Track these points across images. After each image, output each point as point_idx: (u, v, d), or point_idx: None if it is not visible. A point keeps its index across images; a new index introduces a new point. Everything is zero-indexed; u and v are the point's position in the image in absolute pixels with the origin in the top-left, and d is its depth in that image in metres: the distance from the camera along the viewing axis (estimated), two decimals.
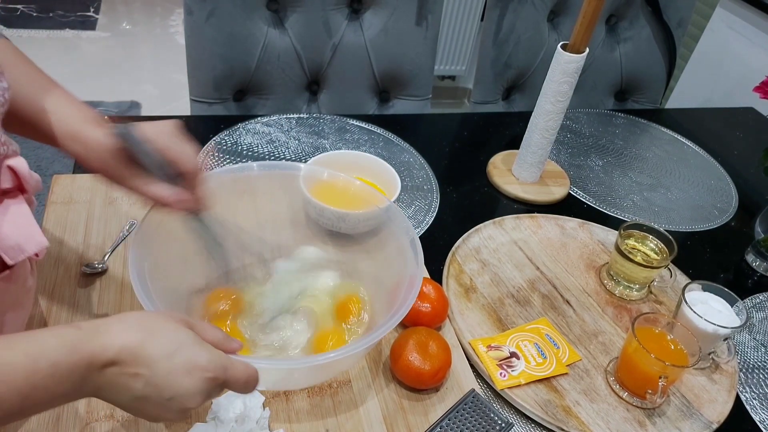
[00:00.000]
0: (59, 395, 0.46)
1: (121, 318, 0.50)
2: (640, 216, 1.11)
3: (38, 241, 0.56)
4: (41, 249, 0.57)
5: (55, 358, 0.45)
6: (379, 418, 0.68)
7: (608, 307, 0.90)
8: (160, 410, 0.50)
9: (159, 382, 0.48)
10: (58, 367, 0.45)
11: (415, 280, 0.68)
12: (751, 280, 1.02)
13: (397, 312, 0.64)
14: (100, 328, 0.48)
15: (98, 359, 0.46)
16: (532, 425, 0.73)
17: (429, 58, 1.37)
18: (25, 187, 0.57)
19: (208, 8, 1.17)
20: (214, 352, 0.52)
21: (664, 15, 1.49)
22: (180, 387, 0.49)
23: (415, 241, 0.74)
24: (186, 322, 0.52)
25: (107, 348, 0.47)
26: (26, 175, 0.56)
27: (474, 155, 1.19)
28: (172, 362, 0.49)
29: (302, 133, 1.15)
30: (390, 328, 0.63)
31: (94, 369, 0.46)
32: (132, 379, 0.48)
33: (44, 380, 0.44)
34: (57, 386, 0.45)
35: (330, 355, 0.61)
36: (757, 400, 0.81)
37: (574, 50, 0.98)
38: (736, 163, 1.32)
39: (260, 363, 0.58)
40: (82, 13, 3.24)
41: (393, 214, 0.80)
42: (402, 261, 0.75)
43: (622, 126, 1.38)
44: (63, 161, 2.27)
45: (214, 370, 0.50)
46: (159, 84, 2.85)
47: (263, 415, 0.65)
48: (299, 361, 0.68)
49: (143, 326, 0.49)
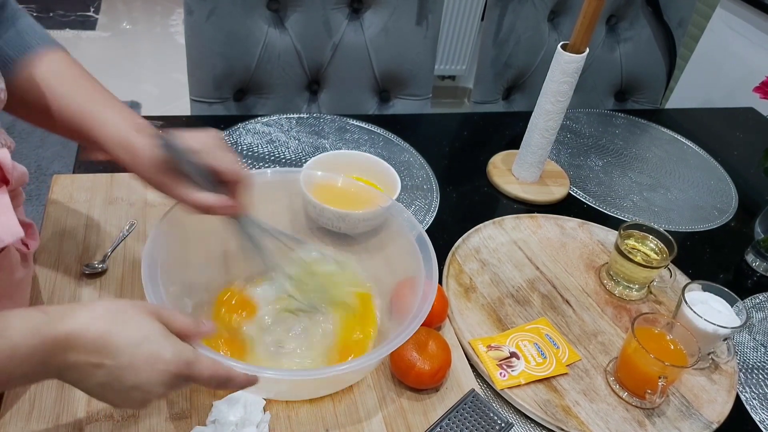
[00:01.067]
0: (19, 376, 0.47)
1: (89, 306, 0.50)
2: (640, 216, 1.11)
3: (14, 231, 0.57)
4: (25, 243, 0.57)
5: (17, 339, 0.46)
6: (379, 418, 0.68)
7: (608, 307, 0.90)
8: (121, 398, 0.51)
9: (121, 372, 0.49)
10: (17, 350, 0.46)
11: (429, 290, 0.69)
12: (751, 280, 1.02)
13: (411, 323, 0.65)
14: (66, 313, 0.49)
15: (61, 344, 0.47)
16: (532, 425, 0.73)
17: (429, 58, 1.37)
18: (7, 179, 0.58)
19: (209, 8, 1.17)
20: (179, 346, 0.52)
21: (664, 15, 1.49)
22: (142, 377, 0.50)
23: (426, 244, 0.75)
24: (156, 313, 0.53)
25: (71, 334, 0.48)
26: (8, 166, 0.57)
27: (474, 155, 1.19)
28: (136, 354, 0.49)
29: (302, 133, 1.15)
30: (404, 340, 0.63)
31: (56, 353, 0.47)
32: (95, 366, 0.49)
33: (2, 361, 0.45)
34: (16, 368, 0.46)
35: (341, 367, 0.63)
36: (757, 400, 0.81)
37: (574, 50, 0.98)
38: (736, 163, 1.32)
39: (264, 372, 0.59)
40: (82, 13, 3.24)
41: (395, 213, 0.80)
42: (406, 261, 0.76)
43: (622, 126, 1.38)
44: (63, 161, 2.27)
45: (177, 364, 0.51)
46: (159, 84, 2.85)
47: (264, 418, 0.65)
48: (302, 372, 0.68)
49: (111, 316, 0.50)
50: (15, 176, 0.59)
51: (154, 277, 0.63)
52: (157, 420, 0.64)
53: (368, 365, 0.66)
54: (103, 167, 0.98)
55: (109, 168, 0.96)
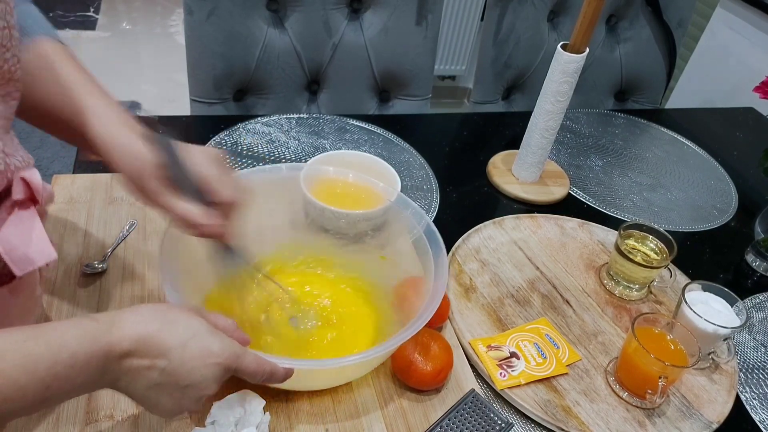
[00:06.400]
0: (78, 385, 0.47)
1: (135, 310, 0.51)
2: (640, 216, 1.11)
3: (48, 253, 0.56)
4: (50, 261, 0.57)
5: (75, 348, 0.46)
6: (379, 418, 0.68)
7: (608, 307, 0.90)
8: (176, 399, 0.51)
9: (175, 371, 0.50)
10: (78, 358, 0.46)
11: (438, 291, 0.69)
12: (751, 280, 1.02)
13: (418, 320, 0.65)
14: (115, 319, 0.49)
15: (115, 350, 0.48)
16: (532, 425, 0.73)
17: (429, 58, 1.37)
18: (37, 199, 0.57)
19: (208, 8, 1.17)
20: (226, 340, 0.53)
21: (664, 15, 1.49)
22: (196, 374, 0.51)
23: (436, 238, 0.75)
24: (198, 311, 0.54)
25: (123, 339, 0.48)
26: (39, 187, 0.56)
27: (474, 155, 1.19)
28: (187, 350, 0.50)
29: (302, 133, 1.15)
30: (413, 333, 0.63)
31: (112, 360, 0.48)
32: (149, 369, 0.49)
33: (65, 370, 0.45)
34: (77, 376, 0.46)
35: (345, 360, 0.63)
36: (757, 400, 0.81)
37: (574, 50, 0.98)
38: (736, 163, 1.32)
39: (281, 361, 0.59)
40: (82, 13, 3.24)
41: (398, 210, 0.80)
42: (409, 260, 0.76)
43: (622, 126, 1.38)
44: (63, 161, 2.27)
45: (227, 358, 0.52)
46: (159, 84, 2.85)
47: (264, 419, 0.65)
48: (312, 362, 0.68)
49: (157, 317, 0.51)
50: (44, 196, 0.57)
51: (174, 278, 0.63)
52: (157, 420, 0.64)
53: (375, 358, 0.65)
54: (103, 167, 0.97)
55: (109, 168, 0.96)
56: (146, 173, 0.57)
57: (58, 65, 0.60)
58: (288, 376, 0.59)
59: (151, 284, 0.78)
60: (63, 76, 0.59)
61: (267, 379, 0.57)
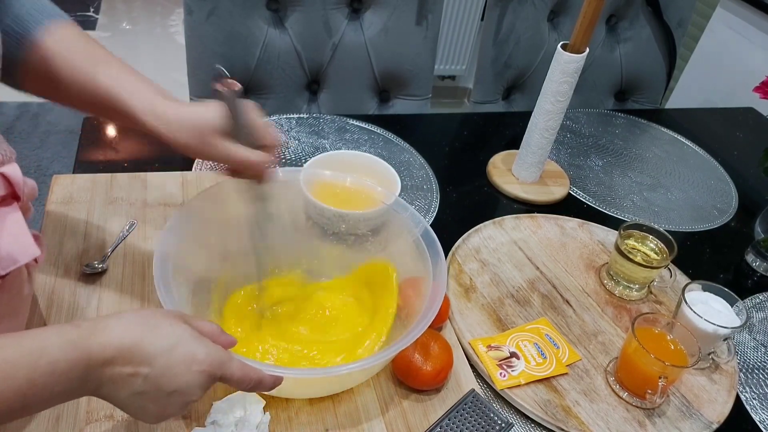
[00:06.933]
0: (58, 393, 0.46)
1: (118, 316, 0.50)
2: (640, 216, 1.11)
3: (31, 251, 0.56)
4: (35, 258, 0.56)
5: (56, 355, 0.45)
6: (379, 418, 0.68)
7: (608, 307, 0.90)
8: (161, 405, 0.50)
9: (159, 378, 0.49)
10: (57, 365, 0.45)
11: (438, 292, 0.69)
12: (751, 280, 1.02)
13: (419, 323, 0.65)
14: (98, 326, 0.48)
15: (97, 357, 0.46)
16: (532, 425, 0.73)
17: (429, 58, 1.37)
18: (18, 194, 0.56)
19: (208, 8, 1.17)
20: (211, 347, 0.52)
21: (664, 15, 1.49)
22: (180, 381, 0.49)
23: (433, 241, 0.74)
24: (182, 317, 0.53)
25: (106, 346, 0.47)
26: (19, 182, 0.56)
27: (474, 155, 1.19)
28: (171, 357, 0.49)
29: (302, 133, 1.15)
30: (413, 339, 0.63)
31: (94, 367, 0.47)
32: (132, 376, 0.48)
33: (43, 378, 0.44)
34: (56, 384, 0.45)
35: (343, 368, 0.62)
36: (757, 400, 0.81)
37: (574, 50, 0.98)
38: (736, 163, 1.32)
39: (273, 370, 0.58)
40: (82, 13, 3.24)
41: (397, 212, 0.80)
42: (409, 261, 0.75)
43: (622, 126, 1.38)
44: (63, 161, 2.27)
45: (211, 364, 0.51)
46: (159, 83, 2.85)
47: (263, 420, 0.65)
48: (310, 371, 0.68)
49: (141, 323, 0.50)
50: (26, 192, 0.57)
51: (167, 278, 0.63)
52: None
53: (377, 365, 0.65)
54: (103, 167, 0.98)
55: (109, 168, 0.97)
56: (206, 131, 0.61)
57: (79, 48, 0.63)
58: (276, 385, 0.57)
59: (151, 284, 0.78)
60: (88, 58, 0.63)
61: (254, 387, 0.55)
